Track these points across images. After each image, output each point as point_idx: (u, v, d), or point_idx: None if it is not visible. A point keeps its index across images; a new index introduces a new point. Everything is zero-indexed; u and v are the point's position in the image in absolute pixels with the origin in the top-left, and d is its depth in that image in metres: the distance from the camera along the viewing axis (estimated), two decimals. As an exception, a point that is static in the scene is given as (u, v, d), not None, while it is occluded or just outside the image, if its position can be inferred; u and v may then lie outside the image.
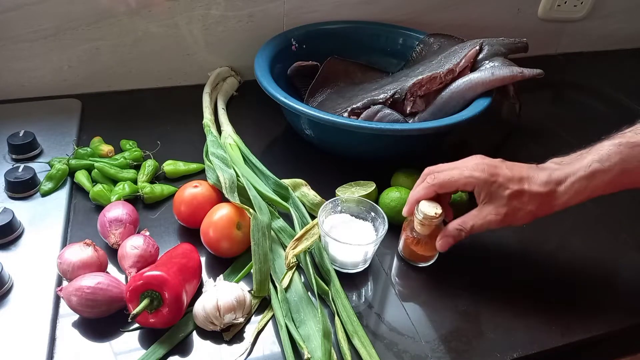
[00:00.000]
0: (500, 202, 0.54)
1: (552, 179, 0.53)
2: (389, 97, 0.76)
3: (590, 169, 0.51)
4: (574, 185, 0.52)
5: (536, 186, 0.53)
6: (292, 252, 0.57)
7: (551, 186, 0.53)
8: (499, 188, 0.54)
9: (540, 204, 0.53)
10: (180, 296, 0.50)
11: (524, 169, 0.55)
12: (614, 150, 0.51)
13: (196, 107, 0.84)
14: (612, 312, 0.58)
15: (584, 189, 0.52)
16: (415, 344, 0.53)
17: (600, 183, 0.52)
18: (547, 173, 0.53)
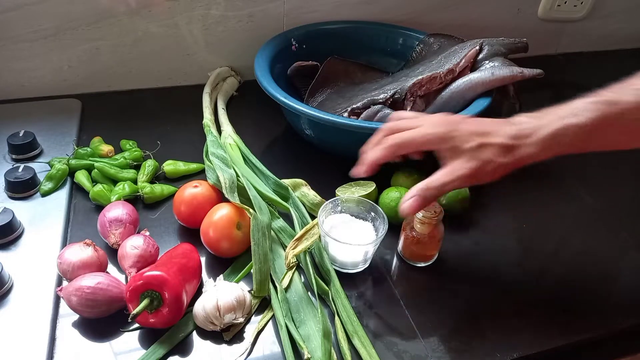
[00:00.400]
0: (466, 156, 0.50)
1: (521, 133, 0.50)
2: (389, 97, 0.76)
3: (564, 123, 0.48)
4: (544, 138, 0.49)
5: (501, 138, 0.50)
6: (292, 252, 0.57)
7: (519, 139, 0.50)
8: (461, 142, 0.51)
9: (508, 156, 0.50)
10: (180, 296, 0.50)
11: (489, 123, 0.52)
12: (591, 107, 0.48)
13: (196, 107, 0.84)
14: (612, 312, 0.58)
15: (555, 143, 0.49)
16: (415, 344, 0.53)
17: (573, 138, 0.48)
18: (516, 127, 0.51)
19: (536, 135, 0.49)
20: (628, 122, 0.48)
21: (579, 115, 0.48)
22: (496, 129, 0.51)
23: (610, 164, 0.84)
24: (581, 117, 0.48)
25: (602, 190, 0.77)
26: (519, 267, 0.63)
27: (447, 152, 0.52)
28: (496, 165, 0.50)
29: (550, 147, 0.49)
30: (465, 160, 0.51)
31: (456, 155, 0.51)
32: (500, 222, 0.70)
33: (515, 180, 0.77)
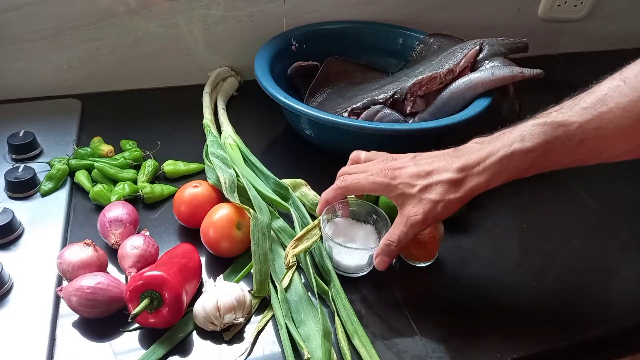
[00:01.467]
0: (414, 201, 0.51)
1: (469, 163, 0.50)
2: (389, 97, 0.76)
3: (512, 149, 0.48)
4: (493, 165, 0.49)
5: (447, 174, 0.50)
6: (292, 251, 0.57)
7: (465, 171, 0.50)
8: (405, 188, 0.51)
9: (457, 190, 0.50)
10: (180, 296, 0.50)
11: (433, 161, 0.52)
12: (538, 130, 0.48)
13: (196, 107, 0.84)
14: (612, 312, 0.58)
15: (505, 169, 0.49)
16: (415, 344, 0.53)
17: (522, 163, 0.49)
18: (464, 158, 0.50)
19: (483, 164, 0.49)
20: (573, 145, 0.48)
21: (525, 140, 0.48)
22: (440, 165, 0.51)
23: (610, 164, 0.83)
24: (527, 142, 0.48)
25: (602, 190, 0.77)
26: (519, 267, 0.63)
27: (395, 200, 0.53)
28: (446, 203, 0.50)
29: (499, 174, 0.49)
30: (413, 205, 0.51)
31: (405, 202, 0.52)
32: (500, 222, 0.70)
33: (515, 180, 0.77)
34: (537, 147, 0.47)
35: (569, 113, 0.47)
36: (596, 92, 0.47)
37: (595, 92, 0.47)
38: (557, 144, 0.47)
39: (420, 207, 0.51)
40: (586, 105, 0.47)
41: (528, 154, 0.48)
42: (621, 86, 0.46)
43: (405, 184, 0.51)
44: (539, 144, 0.47)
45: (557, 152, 0.48)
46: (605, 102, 0.46)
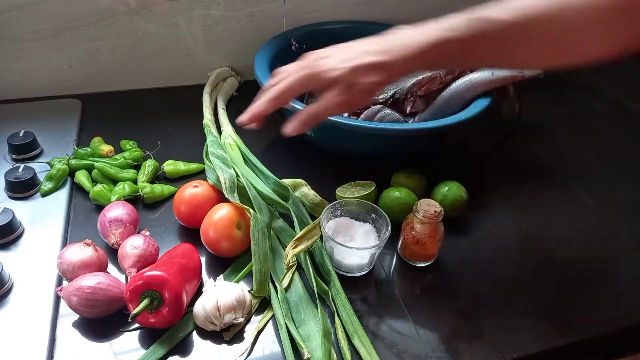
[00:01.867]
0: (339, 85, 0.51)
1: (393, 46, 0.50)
2: (389, 97, 0.76)
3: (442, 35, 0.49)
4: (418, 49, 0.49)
5: (370, 57, 0.50)
6: (292, 251, 0.57)
7: (389, 54, 0.50)
8: (331, 73, 0.51)
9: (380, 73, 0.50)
10: (181, 296, 0.50)
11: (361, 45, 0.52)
12: (466, 23, 0.48)
13: (196, 107, 0.84)
14: (612, 312, 0.58)
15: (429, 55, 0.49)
16: (415, 344, 0.53)
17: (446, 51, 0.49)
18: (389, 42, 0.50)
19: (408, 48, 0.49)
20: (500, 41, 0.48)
21: (454, 30, 0.48)
22: (365, 49, 0.51)
23: (610, 163, 0.84)
24: (457, 33, 0.48)
25: (602, 190, 0.77)
26: (518, 267, 0.63)
27: (323, 86, 0.52)
28: (369, 85, 0.50)
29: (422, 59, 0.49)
30: (338, 89, 0.51)
31: (330, 86, 0.51)
32: (500, 222, 0.70)
33: (515, 180, 0.78)
34: (461, 38, 0.48)
35: (499, 11, 0.47)
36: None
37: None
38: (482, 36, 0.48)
39: (343, 90, 0.51)
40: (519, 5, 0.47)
41: (451, 43, 0.48)
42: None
43: (330, 69, 0.51)
44: (463, 36, 0.48)
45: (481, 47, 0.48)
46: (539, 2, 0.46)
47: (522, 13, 0.46)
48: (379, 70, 0.50)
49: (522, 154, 0.85)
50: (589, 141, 0.89)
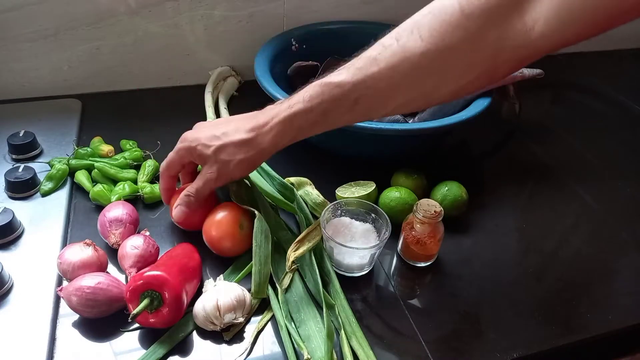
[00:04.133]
0: (210, 161, 0.55)
1: (258, 124, 0.54)
2: (389, 97, 0.76)
3: (294, 110, 0.52)
4: (277, 125, 0.53)
5: (238, 135, 0.54)
6: (294, 254, 0.57)
7: (255, 131, 0.54)
8: (203, 149, 0.55)
9: (247, 150, 0.54)
10: (181, 296, 0.50)
11: (232, 122, 0.57)
12: (317, 91, 0.51)
13: (197, 107, 0.84)
14: (612, 312, 0.58)
15: (289, 129, 0.53)
16: (415, 344, 0.53)
17: (304, 123, 0.53)
18: (256, 119, 0.55)
19: (270, 124, 0.53)
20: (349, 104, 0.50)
21: (305, 100, 0.51)
22: (235, 126, 0.55)
23: (610, 163, 0.84)
24: (307, 103, 0.51)
25: (602, 190, 0.77)
26: (519, 267, 0.63)
27: (198, 161, 0.58)
28: (237, 162, 0.55)
29: (284, 133, 0.53)
30: (210, 165, 0.56)
31: (203, 161, 0.57)
32: (500, 222, 0.70)
33: (515, 180, 0.78)
34: (316, 107, 0.51)
35: (345, 74, 0.50)
36: (371, 51, 0.50)
37: (371, 51, 0.50)
38: (334, 103, 0.51)
39: (215, 166, 0.55)
40: (360, 65, 0.49)
41: (308, 113, 0.52)
42: (393, 45, 0.48)
43: (202, 145, 0.55)
44: (317, 104, 0.51)
45: (335, 111, 0.51)
46: (376, 61, 0.49)
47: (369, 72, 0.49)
48: (245, 148, 0.54)
49: (522, 154, 0.85)
50: (589, 141, 0.89)
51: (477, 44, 0.46)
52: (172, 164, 0.59)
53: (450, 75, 0.49)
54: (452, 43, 0.46)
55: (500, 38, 0.45)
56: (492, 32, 0.45)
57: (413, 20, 0.50)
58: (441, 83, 0.49)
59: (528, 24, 0.44)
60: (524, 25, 0.44)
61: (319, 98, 0.51)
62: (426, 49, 0.47)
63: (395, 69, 0.48)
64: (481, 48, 0.46)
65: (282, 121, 0.53)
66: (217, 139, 0.55)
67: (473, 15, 0.45)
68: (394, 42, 0.49)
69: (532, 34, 0.44)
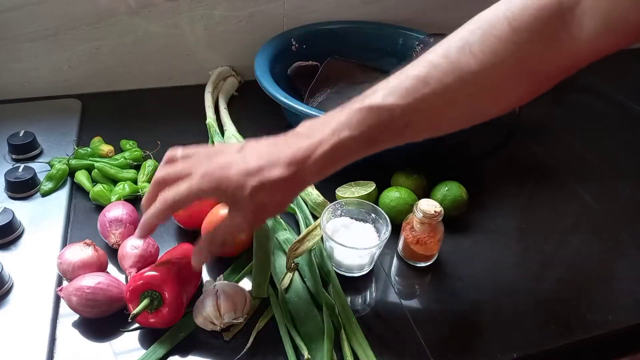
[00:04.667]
0: (244, 203, 0.46)
1: (298, 156, 0.46)
2: (389, 97, 0.76)
3: (340, 138, 0.45)
4: (323, 157, 0.46)
5: (277, 170, 0.45)
6: (294, 253, 0.57)
7: (297, 165, 0.45)
8: (237, 191, 0.45)
9: (288, 188, 0.47)
10: (180, 296, 0.50)
11: (264, 153, 0.47)
12: (364, 116, 0.46)
13: (196, 107, 0.84)
14: (612, 312, 0.58)
15: (335, 158, 0.47)
16: (415, 344, 0.53)
17: (351, 151, 0.47)
18: (294, 149, 0.46)
19: (314, 156, 0.46)
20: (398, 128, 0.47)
21: (352, 127, 0.46)
22: (270, 159, 0.46)
23: (610, 163, 0.84)
24: (354, 130, 0.46)
25: (602, 190, 0.77)
26: (519, 267, 0.63)
27: (227, 203, 0.48)
28: (276, 203, 0.48)
29: (330, 164, 0.47)
30: (243, 208, 0.46)
31: (235, 202, 0.47)
32: (500, 222, 0.70)
33: (515, 180, 0.77)
34: (364, 134, 0.46)
35: (393, 96, 0.46)
36: (416, 70, 0.46)
37: (416, 69, 0.47)
38: (382, 128, 0.46)
39: (250, 208, 0.46)
40: (409, 85, 0.46)
41: (356, 141, 0.46)
42: (443, 63, 0.46)
43: (235, 186, 0.45)
44: (365, 131, 0.46)
45: (383, 136, 0.47)
46: (427, 82, 0.45)
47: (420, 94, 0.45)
48: (286, 185, 0.46)
49: (522, 154, 0.85)
50: (589, 141, 0.89)
51: (526, 57, 0.45)
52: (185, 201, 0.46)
53: (502, 91, 0.47)
54: (504, 58, 0.45)
55: (547, 51, 0.45)
56: (540, 45, 0.45)
57: (459, 36, 0.47)
58: (493, 100, 0.48)
59: (573, 34, 0.43)
60: (569, 35, 0.44)
61: (366, 124, 0.46)
62: (480, 66, 0.45)
63: (449, 89, 0.45)
64: (530, 62, 0.45)
65: (328, 152, 0.45)
66: (251, 177, 0.45)
67: (521, 29, 0.44)
68: (444, 60, 0.46)
69: (577, 43, 0.44)
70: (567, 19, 0.43)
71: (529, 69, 0.46)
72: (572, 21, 0.43)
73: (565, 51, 0.45)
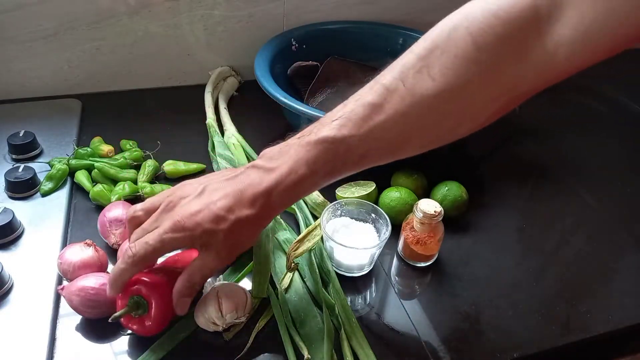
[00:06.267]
0: (217, 247, 0.46)
1: (262, 194, 0.46)
2: (389, 97, 0.76)
3: (299, 175, 0.45)
4: (285, 193, 0.46)
5: (246, 210, 0.46)
6: (294, 254, 0.57)
7: (261, 202, 0.46)
8: (210, 237, 0.46)
9: (258, 222, 0.47)
10: (166, 306, 0.49)
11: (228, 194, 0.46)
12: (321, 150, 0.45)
13: (196, 107, 0.84)
14: (612, 312, 0.58)
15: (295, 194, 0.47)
16: (415, 344, 0.53)
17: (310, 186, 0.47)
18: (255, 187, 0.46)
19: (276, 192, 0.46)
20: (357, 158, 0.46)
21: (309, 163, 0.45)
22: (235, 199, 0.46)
23: (610, 163, 0.84)
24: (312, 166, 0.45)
25: (602, 190, 0.77)
26: (519, 267, 0.63)
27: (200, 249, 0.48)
28: (249, 238, 0.48)
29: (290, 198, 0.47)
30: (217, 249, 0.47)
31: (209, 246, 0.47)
32: (500, 222, 0.70)
33: (515, 180, 0.78)
34: (321, 169, 0.45)
35: (348, 126, 0.44)
36: (372, 96, 0.44)
37: (372, 95, 0.44)
38: (339, 161, 0.45)
39: (224, 251, 0.47)
40: (364, 114, 0.44)
41: (314, 176, 0.46)
42: (399, 88, 0.43)
43: (208, 232, 0.45)
44: (322, 167, 0.45)
45: (341, 169, 0.46)
46: (383, 109, 0.43)
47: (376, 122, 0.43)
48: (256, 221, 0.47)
49: (522, 154, 0.85)
50: (588, 141, 0.89)
51: (496, 77, 0.41)
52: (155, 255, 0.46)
53: (467, 114, 0.44)
54: (468, 80, 0.41)
55: (521, 67, 0.41)
56: (511, 62, 0.41)
57: (417, 56, 0.44)
58: (458, 124, 0.45)
59: (550, 48, 0.39)
60: (545, 50, 0.39)
61: (323, 159, 0.45)
62: (440, 89, 0.42)
63: (406, 116, 0.43)
64: (500, 81, 0.42)
65: (289, 187, 0.46)
66: (222, 221, 0.45)
67: (488, 46, 0.40)
68: (400, 84, 0.43)
69: (556, 58, 0.40)
70: (540, 32, 0.39)
71: (501, 88, 0.42)
72: (548, 32, 0.39)
73: (542, 67, 0.40)
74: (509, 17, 0.39)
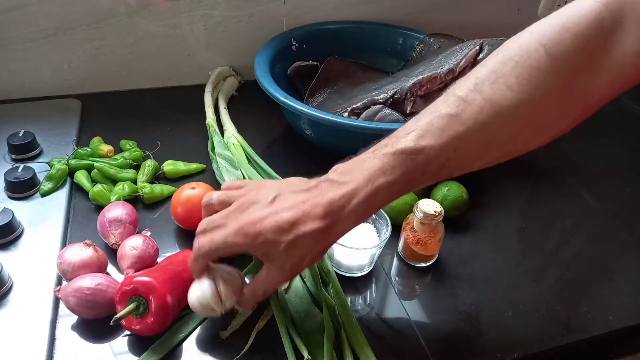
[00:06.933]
0: (280, 259, 0.45)
1: (333, 207, 0.44)
2: (389, 97, 0.76)
3: (375, 186, 0.44)
4: (359, 206, 0.44)
5: (313, 224, 0.44)
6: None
7: (332, 216, 0.44)
8: (270, 248, 0.44)
9: (324, 240, 0.46)
10: (167, 306, 0.49)
11: (297, 204, 0.45)
12: (398, 160, 0.44)
13: (196, 107, 0.84)
14: (612, 312, 0.58)
15: (370, 206, 0.45)
16: (415, 344, 0.53)
17: (387, 197, 0.45)
18: (328, 198, 0.44)
19: (349, 207, 0.44)
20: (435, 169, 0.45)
21: (386, 173, 0.44)
22: (304, 211, 0.44)
23: (610, 163, 0.84)
24: (389, 176, 0.44)
25: (602, 190, 0.77)
26: (519, 267, 0.63)
27: (261, 256, 0.47)
28: (313, 256, 0.47)
29: (366, 212, 0.46)
30: (280, 263, 0.46)
31: (270, 258, 0.46)
32: (500, 222, 0.70)
33: (515, 180, 0.77)
34: (400, 179, 0.44)
35: (428, 137, 0.44)
36: (448, 107, 0.44)
37: (447, 107, 0.44)
38: (418, 171, 0.44)
39: (287, 265, 0.46)
40: (442, 125, 0.43)
41: (392, 187, 0.44)
42: (476, 99, 0.43)
43: (269, 242, 0.44)
44: (402, 175, 0.44)
45: (420, 179, 0.45)
46: (461, 120, 0.43)
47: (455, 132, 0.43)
48: (322, 238, 0.45)
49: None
50: (589, 141, 0.89)
51: (570, 88, 0.42)
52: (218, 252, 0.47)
53: (544, 125, 0.45)
54: (546, 90, 0.42)
55: (593, 77, 0.42)
56: (584, 72, 0.42)
57: (490, 69, 0.44)
58: (535, 135, 0.46)
59: (617, 59, 0.41)
60: (612, 61, 0.41)
61: (402, 169, 0.44)
62: (519, 99, 0.42)
63: (487, 126, 0.43)
64: (574, 92, 0.43)
65: (363, 200, 0.44)
66: (285, 233, 0.44)
67: (562, 57, 0.41)
68: (477, 95, 0.43)
69: (623, 67, 0.41)
70: (608, 42, 0.41)
71: (575, 100, 0.43)
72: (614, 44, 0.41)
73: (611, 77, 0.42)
74: (577, 30, 0.41)
